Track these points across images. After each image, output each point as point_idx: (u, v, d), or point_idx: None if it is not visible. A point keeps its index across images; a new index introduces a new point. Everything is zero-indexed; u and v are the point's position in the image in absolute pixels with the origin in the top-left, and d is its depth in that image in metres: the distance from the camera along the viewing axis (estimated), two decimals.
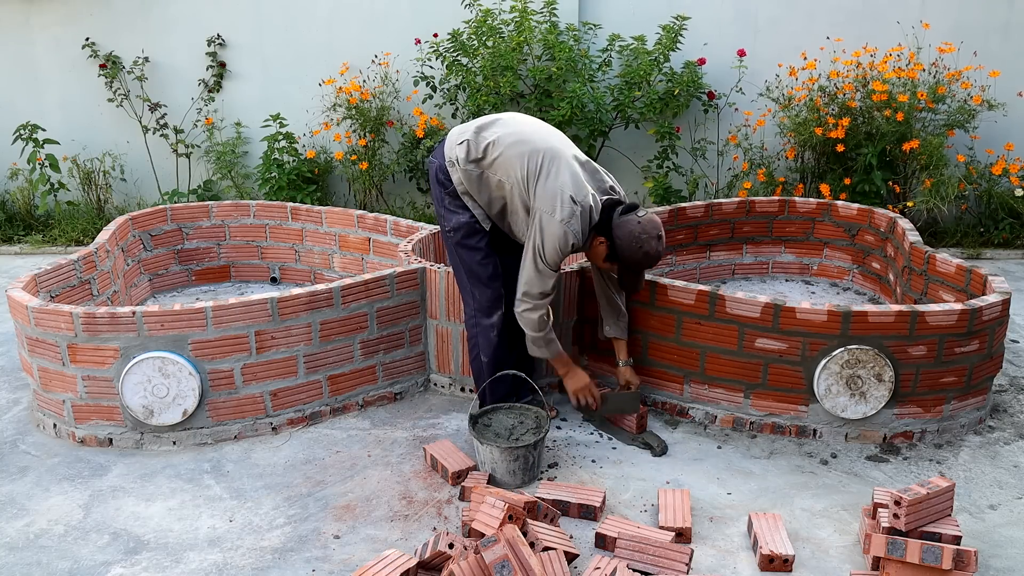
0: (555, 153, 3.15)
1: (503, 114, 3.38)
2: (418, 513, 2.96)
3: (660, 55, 6.08)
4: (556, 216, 3.06)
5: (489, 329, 3.43)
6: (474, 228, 3.36)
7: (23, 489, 3.16)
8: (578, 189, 3.10)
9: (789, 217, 5.13)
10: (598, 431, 3.53)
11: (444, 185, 3.35)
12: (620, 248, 3.10)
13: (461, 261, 3.42)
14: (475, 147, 3.23)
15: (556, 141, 3.22)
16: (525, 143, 3.17)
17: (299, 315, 3.49)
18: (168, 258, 5.14)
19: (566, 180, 3.10)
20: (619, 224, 3.10)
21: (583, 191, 3.11)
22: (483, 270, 3.38)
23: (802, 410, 3.42)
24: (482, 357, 3.47)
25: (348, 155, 6.56)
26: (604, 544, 2.73)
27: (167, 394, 3.35)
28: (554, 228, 3.07)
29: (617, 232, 3.10)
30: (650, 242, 3.09)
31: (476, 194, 3.29)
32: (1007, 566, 2.67)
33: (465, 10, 6.26)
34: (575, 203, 3.07)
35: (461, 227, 3.35)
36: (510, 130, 3.23)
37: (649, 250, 3.10)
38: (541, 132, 3.26)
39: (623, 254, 3.11)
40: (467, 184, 3.28)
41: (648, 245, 3.09)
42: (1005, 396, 3.80)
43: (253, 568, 2.69)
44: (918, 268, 4.14)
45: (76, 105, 6.98)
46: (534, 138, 3.19)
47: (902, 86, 5.87)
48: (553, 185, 3.09)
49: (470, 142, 3.24)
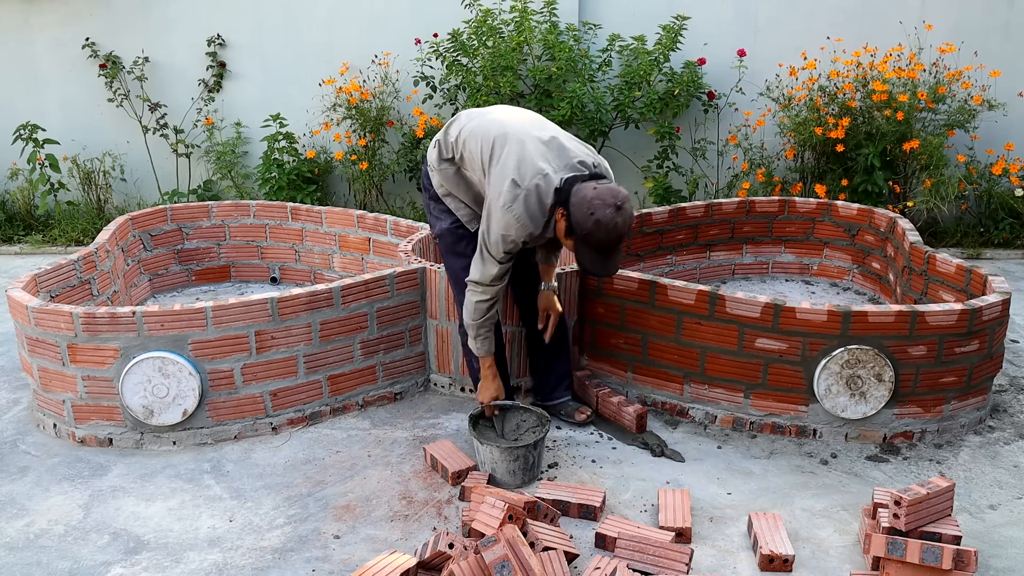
0: (505, 138, 3.00)
1: (472, 109, 3.32)
2: (418, 513, 2.96)
3: (660, 55, 6.08)
4: (500, 201, 2.92)
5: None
6: (458, 234, 3.32)
7: (23, 489, 3.16)
8: (523, 171, 2.92)
9: (789, 217, 5.13)
10: (598, 431, 3.53)
11: (427, 190, 3.36)
12: (574, 217, 2.84)
13: (448, 267, 3.42)
14: (445, 147, 3.21)
15: (511, 126, 3.05)
16: (479, 134, 3.08)
17: (299, 315, 3.49)
18: (168, 258, 5.14)
19: (510, 164, 2.94)
20: (574, 192, 2.86)
21: (530, 171, 2.92)
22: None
23: (802, 410, 3.42)
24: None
25: (348, 155, 6.56)
26: (604, 544, 2.73)
27: (167, 394, 3.35)
28: (497, 214, 2.94)
29: (572, 200, 2.85)
30: (604, 209, 2.77)
31: (459, 193, 3.25)
32: (1007, 566, 2.67)
33: (465, 10, 6.26)
34: (517, 186, 2.90)
35: (444, 233, 3.34)
36: (470, 123, 3.16)
37: (601, 217, 2.77)
38: (498, 119, 3.11)
39: (577, 223, 2.83)
40: (448, 185, 3.25)
41: (601, 212, 2.77)
42: (1005, 396, 3.80)
43: (253, 568, 2.69)
44: (918, 268, 4.14)
45: (76, 105, 6.98)
46: (489, 127, 3.08)
47: (902, 86, 5.87)
48: (499, 171, 2.96)
49: (440, 142, 3.23)
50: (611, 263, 2.95)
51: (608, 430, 3.52)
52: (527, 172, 2.93)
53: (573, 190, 2.87)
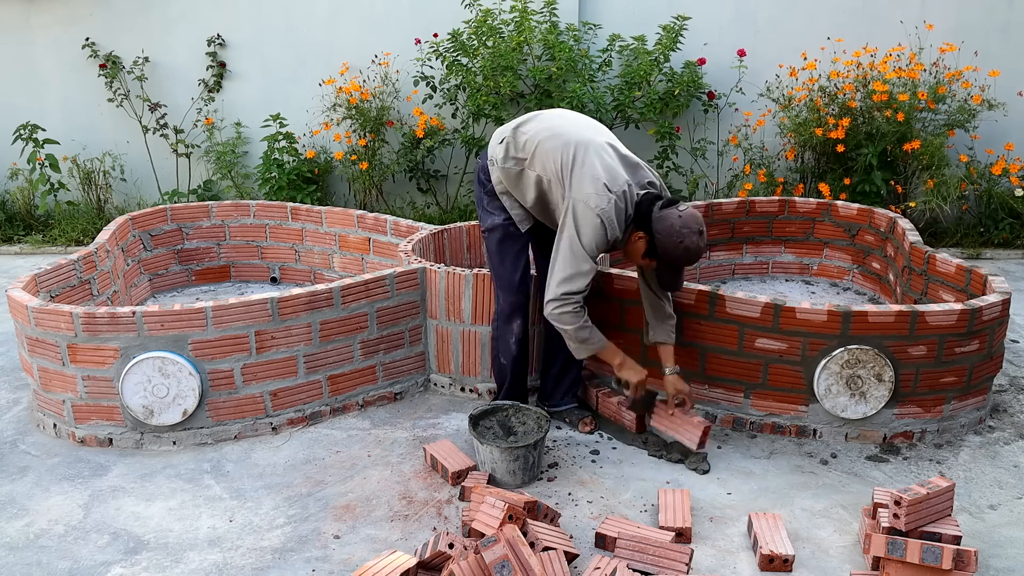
0: (588, 143, 3.05)
1: (541, 111, 3.34)
2: (418, 513, 2.96)
3: (660, 55, 6.08)
4: (591, 204, 2.95)
5: (508, 334, 3.42)
6: (508, 232, 3.33)
7: (23, 489, 3.16)
8: (612, 178, 3.00)
9: (789, 217, 5.14)
10: (598, 431, 3.53)
11: (483, 184, 3.34)
12: (660, 243, 2.97)
13: (490, 263, 3.42)
14: (513, 144, 3.19)
15: (591, 132, 3.13)
16: (559, 136, 3.10)
17: (299, 315, 3.49)
18: (168, 258, 5.14)
19: (599, 169, 3.00)
20: (659, 218, 2.97)
21: (618, 179, 3.01)
22: (509, 276, 3.36)
23: (802, 410, 3.41)
24: (501, 360, 3.48)
25: (348, 155, 6.56)
26: (604, 544, 2.73)
27: (167, 394, 3.35)
28: (589, 217, 2.96)
29: (657, 227, 2.97)
30: (691, 237, 2.96)
31: (516, 192, 3.25)
32: (1007, 566, 2.67)
33: (465, 10, 6.26)
34: (608, 191, 2.97)
35: (495, 229, 3.34)
36: (545, 125, 3.18)
37: (690, 245, 2.96)
38: (577, 124, 3.17)
39: (663, 249, 2.98)
40: (506, 182, 3.25)
41: (689, 240, 2.96)
42: (1005, 396, 3.80)
43: (253, 568, 2.69)
44: (918, 268, 4.14)
45: (76, 105, 6.98)
46: (569, 130, 3.12)
47: (902, 86, 5.87)
48: (587, 174, 2.99)
49: (508, 140, 3.21)
50: (682, 278, 3.19)
51: (608, 430, 3.52)
52: (616, 180, 3.00)
53: (655, 216, 2.99)
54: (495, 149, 3.27)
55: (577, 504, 3.01)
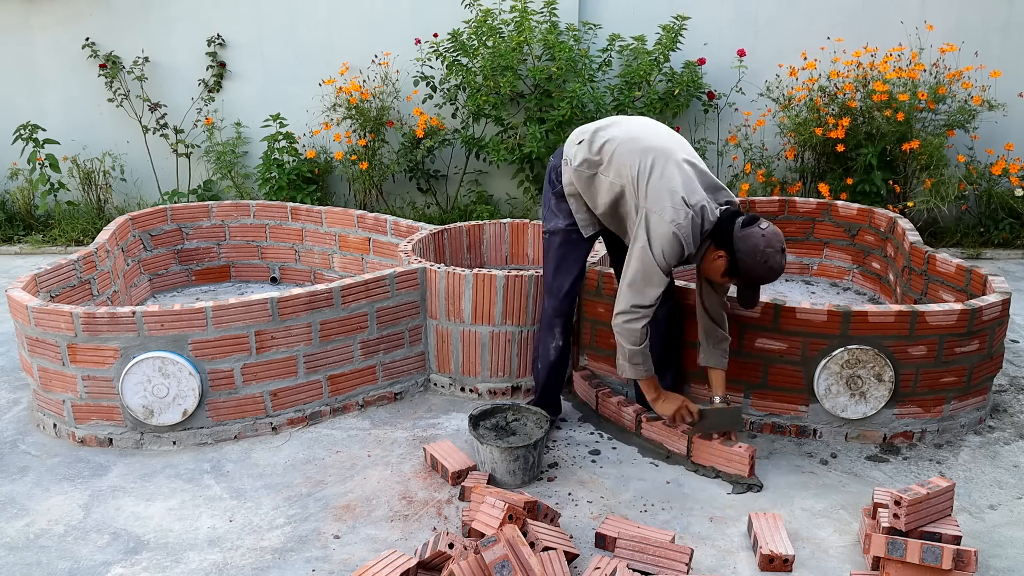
0: (668, 153, 2.98)
1: (622, 117, 3.28)
2: (418, 513, 2.96)
3: (660, 55, 6.08)
4: (667, 217, 2.88)
5: (549, 339, 3.40)
6: (569, 237, 3.29)
7: (23, 489, 3.16)
8: (690, 191, 2.91)
9: (789, 217, 5.13)
10: (598, 431, 3.53)
11: (553, 184, 3.29)
12: (743, 262, 2.88)
13: (545, 266, 3.40)
14: (592, 147, 3.12)
15: (670, 142, 3.06)
16: (638, 141, 3.03)
17: (299, 315, 3.49)
18: (168, 258, 5.14)
19: (677, 181, 2.92)
20: (742, 237, 2.87)
21: (696, 194, 2.92)
22: (560, 282, 3.32)
23: (802, 410, 3.41)
24: (538, 365, 3.47)
25: (348, 155, 6.56)
26: (604, 544, 2.73)
27: (167, 394, 3.35)
28: (664, 229, 2.88)
29: (739, 245, 2.87)
30: (775, 256, 2.87)
31: (587, 195, 3.18)
32: (1007, 566, 2.67)
33: (465, 10, 6.26)
34: (687, 205, 2.89)
35: (557, 233, 3.30)
36: (625, 130, 3.12)
37: (774, 264, 2.88)
38: (659, 134, 3.10)
39: (746, 268, 2.89)
40: (577, 184, 3.18)
41: (773, 259, 2.87)
42: (1005, 396, 3.80)
43: (253, 568, 2.69)
44: (918, 268, 4.14)
45: (76, 105, 6.98)
46: (649, 138, 3.05)
47: (902, 86, 5.87)
48: (664, 184, 2.91)
49: (587, 141, 3.14)
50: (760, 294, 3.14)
51: (608, 430, 3.52)
52: (693, 194, 2.92)
53: (737, 234, 2.89)
54: (571, 150, 3.19)
55: (577, 504, 3.01)
